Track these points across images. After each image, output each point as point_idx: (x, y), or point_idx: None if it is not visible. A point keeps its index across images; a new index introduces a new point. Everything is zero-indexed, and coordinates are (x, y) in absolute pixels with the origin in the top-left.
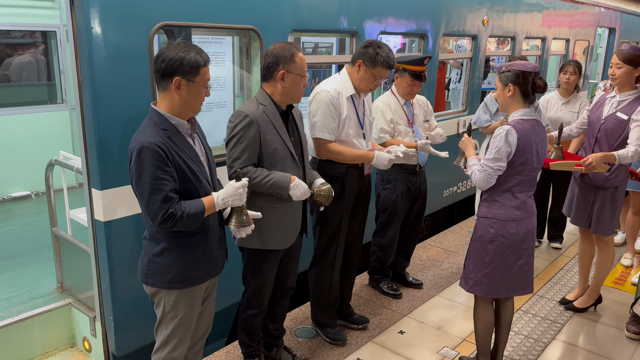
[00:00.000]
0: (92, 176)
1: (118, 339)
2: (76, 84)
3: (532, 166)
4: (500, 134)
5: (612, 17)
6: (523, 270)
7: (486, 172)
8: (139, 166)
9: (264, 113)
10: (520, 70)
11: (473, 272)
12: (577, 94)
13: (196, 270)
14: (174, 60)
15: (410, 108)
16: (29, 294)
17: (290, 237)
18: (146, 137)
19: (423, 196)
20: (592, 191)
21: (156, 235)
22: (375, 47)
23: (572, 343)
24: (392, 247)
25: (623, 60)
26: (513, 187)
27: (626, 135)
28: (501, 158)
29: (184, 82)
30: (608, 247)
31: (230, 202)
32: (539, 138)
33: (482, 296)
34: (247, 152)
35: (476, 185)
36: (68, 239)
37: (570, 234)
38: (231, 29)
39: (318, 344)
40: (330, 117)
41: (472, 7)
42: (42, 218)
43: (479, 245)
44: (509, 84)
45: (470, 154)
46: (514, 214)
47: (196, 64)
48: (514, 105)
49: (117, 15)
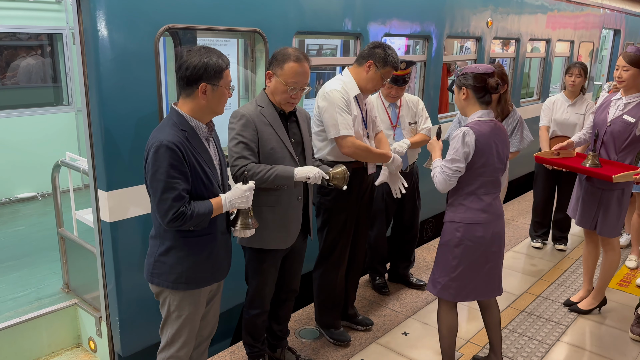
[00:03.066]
0: (98, 177)
1: (123, 339)
2: (82, 86)
3: (493, 167)
4: (457, 135)
5: (617, 18)
6: (491, 273)
7: (445, 174)
8: (155, 163)
9: (261, 114)
10: (472, 72)
11: (440, 276)
12: (582, 96)
13: (201, 272)
14: (198, 67)
15: (395, 111)
16: (35, 294)
17: (290, 237)
18: (165, 136)
19: (412, 199)
20: (598, 193)
21: (163, 234)
22: (384, 48)
23: (577, 345)
24: (379, 246)
25: (630, 63)
26: (477, 189)
27: (633, 137)
28: (459, 159)
29: (209, 87)
30: (613, 248)
31: (237, 204)
32: (499, 139)
33: (450, 300)
34: (247, 150)
35: (437, 187)
36: (74, 240)
37: (574, 235)
38: (236, 31)
39: (322, 344)
40: (347, 114)
41: (476, 8)
42: (48, 219)
43: (445, 250)
44: (462, 87)
45: (436, 156)
46: (480, 216)
47: (219, 69)
48: (471, 107)
49: (123, 17)
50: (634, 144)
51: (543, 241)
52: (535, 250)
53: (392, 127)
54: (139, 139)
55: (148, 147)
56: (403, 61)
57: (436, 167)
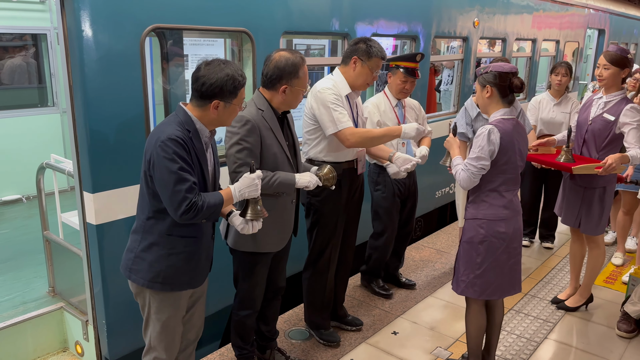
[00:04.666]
0: (83, 179)
1: (111, 343)
2: (67, 86)
3: (515, 164)
4: (482, 133)
5: (601, 18)
6: (514, 269)
7: (470, 172)
8: (164, 156)
9: (263, 118)
10: (497, 71)
11: (465, 274)
12: (567, 95)
13: (179, 274)
14: (214, 86)
15: (402, 110)
16: (20, 298)
17: (284, 239)
18: (172, 130)
19: (413, 197)
20: (580, 191)
21: (148, 230)
22: (365, 41)
23: (564, 342)
24: (389, 248)
25: (610, 62)
26: (499, 186)
27: (613, 135)
28: (484, 157)
29: (222, 104)
30: (598, 246)
31: (247, 194)
32: (520, 137)
33: (476, 298)
34: (251, 157)
35: (460, 185)
36: (60, 243)
37: (561, 233)
38: (223, 31)
39: (312, 345)
40: (342, 108)
41: (463, 9)
42: (33, 222)
43: (469, 247)
44: (487, 86)
45: (455, 153)
46: (502, 212)
47: (235, 89)
48: (494, 105)
49: (108, 17)
50: (614, 142)
51: (530, 239)
52: (523, 248)
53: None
54: (124, 141)
55: (153, 142)
56: (418, 53)
57: (458, 165)
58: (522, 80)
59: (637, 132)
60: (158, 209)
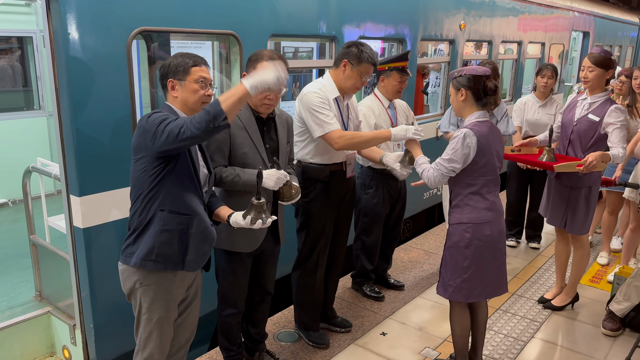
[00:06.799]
0: (70, 183)
1: (98, 347)
2: (53, 90)
3: (494, 165)
4: (458, 136)
5: (586, 21)
6: (500, 270)
7: (440, 171)
8: (149, 119)
9: (237, 116)
10: (471, 74)
11: (451, 278)
12: (552, 97)
13: (172, 251)
14: (165, 66)
15: (394, 111)
16: (6, 303)
17: (255, 241)
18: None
19: (403, 199)
20: (566, 192)
21: (142, 210)
22: (357, 45)
23: (551, 341)
24: (375, 251)
25: (594, 64)
26: (481, 188)
27: (598, 136)
28: (456, 160)
29: (177, 82)
30: (583, 246)
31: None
32: (496, 138)
33: (463, 301)
34: (218, 153)
35: (427, 183)
36: (46, 247)
37: (547, 234)
38: (210, 34)
39: (301, 347)
40: (328, 110)
41: (449, 12)
42: (19, 226)
43: (455, 252)
44: (461, 89)
45: (418, 153)
46: (486, 215)
47: (184, 64)
48: (468, 109)
49: (95, 20)
50: (599, 142)
51: (517, 240)
52: (510, 248)
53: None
54: (111, 144)
55: (139, 126)
56: (408, 51)
57: (424, 164)
58: (496, 84)
59: (620, 131)
60: (150, 186)
